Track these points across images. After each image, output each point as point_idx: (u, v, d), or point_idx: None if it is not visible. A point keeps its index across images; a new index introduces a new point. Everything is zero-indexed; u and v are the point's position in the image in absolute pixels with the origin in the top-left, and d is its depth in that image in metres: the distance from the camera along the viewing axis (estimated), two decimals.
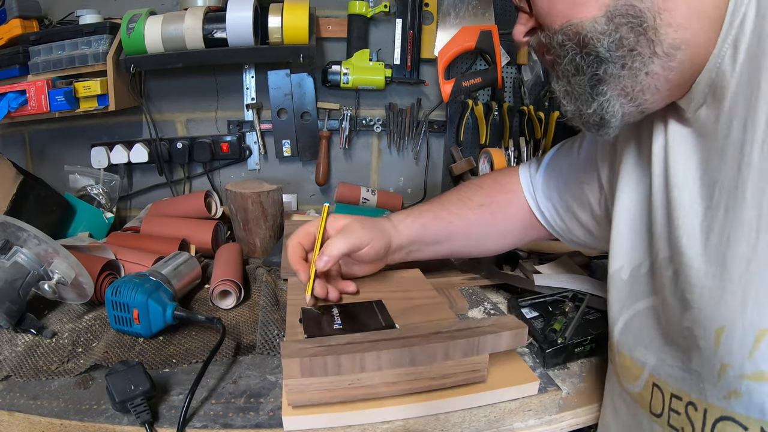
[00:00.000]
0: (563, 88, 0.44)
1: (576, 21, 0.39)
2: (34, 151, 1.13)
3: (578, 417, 0.54)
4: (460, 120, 1.12)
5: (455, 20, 1.09)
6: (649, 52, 0.38)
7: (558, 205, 0.64)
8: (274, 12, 0.96)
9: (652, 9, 0.36)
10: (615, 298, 0.48)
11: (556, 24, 0.41)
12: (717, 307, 0.35)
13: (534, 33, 0.45)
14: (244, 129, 1.13)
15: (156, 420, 0.48)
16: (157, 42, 0.94)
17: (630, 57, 0.39)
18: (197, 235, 0.90)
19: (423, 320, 0.57)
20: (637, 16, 0.37)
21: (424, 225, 0.66)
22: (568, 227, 0.64)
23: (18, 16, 0.96)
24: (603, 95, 0.41)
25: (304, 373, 0.45)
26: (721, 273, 0.35)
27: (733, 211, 0.35)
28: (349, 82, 1.06)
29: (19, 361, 0.56)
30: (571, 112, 0.44)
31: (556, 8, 0.41)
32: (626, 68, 0.39)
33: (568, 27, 0.40)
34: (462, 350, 0.48)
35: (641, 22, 0.37)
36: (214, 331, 0.63)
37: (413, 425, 0.48)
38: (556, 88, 0.45)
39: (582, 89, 0.42)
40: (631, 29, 0.38)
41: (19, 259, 0.63)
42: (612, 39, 0.38)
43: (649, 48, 0.38)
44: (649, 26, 0.37)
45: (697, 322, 0.36)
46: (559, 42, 0.41)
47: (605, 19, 0.38)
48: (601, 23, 0.38)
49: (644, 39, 0.38)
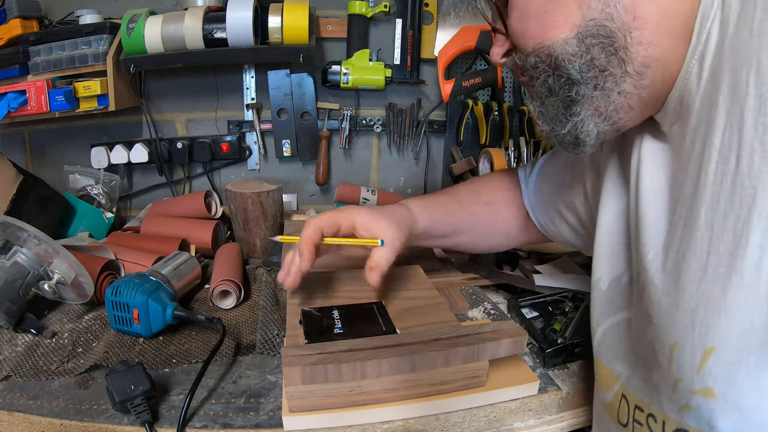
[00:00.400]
0: (537, 108, 0.44)
1: (548, 43, 0.39)
2: (34, 151, 1.13)
3: (578, 417, 0.54)
4: (460, 120, 1.12)
5: (455, 20, 1.09)
6: (620, 71, 0.38)
7: (549, 209, 0.65)
8: (274, 12, 0.96)
9: (623, 28, 0.37)
10: (596, 307, 0.48)
11: (529, 46, 0.41)
12: (671, 323, 0.35)
13: (510, 54, 0.46)
14: (244, 129, 1.13)
15: (156, 420, 0.48)
16: (157, 42, 0.94)
17: (602, 77, 0.39)
18: (197, 235, 0.90)
19: (423, 322, 0.57)
20: (608, 36, 0.37)
21: (436, 220, 0.67)
22: (559, 230, 0.65)
23: (18, 16, 0.96)
24: (576, 116, 0.41)
25: (305, 380, 0.45)
26: (675, 290, 0.35)
27: (689, 229, 0.35)
28: (349, 82, 1.06)
29: (19, 361, 0.56)
30: (546, 132, 0.45)
31: (529, 30, 0.41)
32: (598, 89, 0.39)
33: (540, 49, 0.40)
34: (462, 357, 0.48)
35: (612, 42, 0.37)
36: (214, 331, 0.63)
37: (413, 425, 0.48)
38: (531, 108, 0.46)
39: (555, 110, 0.42)
40: (602, 49, 0.38)
41: (19, 259, 0.63)
42: (583, 60, 0.38)
43: (620, 68, 0.38)
44: (620, 46, 0.37)
45: (656, 337, 0.37)
46: (532, 64, 0.42)
47: (576, 41, 0.38)
48: (572, 45, 0.38)
49: (615, 59, 0.38)
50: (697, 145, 0.35)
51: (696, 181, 0.35)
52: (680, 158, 0.38)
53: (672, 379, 0.35)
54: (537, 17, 0.40)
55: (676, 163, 0.39)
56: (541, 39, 0.40)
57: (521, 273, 0.82)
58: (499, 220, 0.70)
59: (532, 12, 0.40)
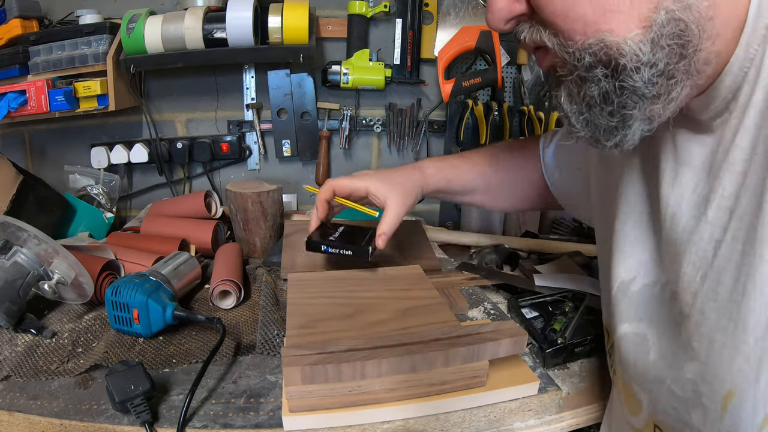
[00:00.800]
0: (579, 114, 0.35)
1: (609, 39, 0.30)
2: (34, 151, 1.13)
3: (578, 417, 0.54)
4: (460, 120, 1.12)
5: (455, 20, 1.09)
6: (685, 76, 0.31)
7: (558, 179, 0.67)
8: (274, 12, 0.96)
9: (699, 20, 0.29)
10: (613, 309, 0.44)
11: (576, 34, 0.31)
12: (727, 368, 0.30)
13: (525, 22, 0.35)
14: (244, 129, 1.13)
15: (156, 420, 0.48)
16: (157, 42, 0.94)
17: (666, 86, 0.31)
18: (197, 235, 0.90)
19: (423, 323, 0.57)
20: (683, 34, 0.29)
21: (450, 180, 0.71)
22: (566, 201, 0.67)
23: (18, 16, 0.96)
24: (629, 128, 0.34)
25: (305, 380, 0.45)
26: (733, 330, 0.29)
27: (751, 256, 0.29)
28: (349, 82, 1.06)
29: (19, 361, 0.56)
30: (585, 137, 0.36)
31: (576, 10, 0.31)
32: (660, 100, 0.32)
33: (599, 47, 0.31)
34: (462, 357, 0.48)
35: (686, 43, 0.29)
36: (214, 331, 0.63)
37: (413, 425, 0.48)
38: (567, 109, 0.36)
39: (606, 122, 0.34)
40: (673, 53, 0.30)
41: (19, 259, 0.63)
42: (655, 71, 0.30)
43: (686, 73, 0.31)
44: (694, 46, 0.30)
45: (703, 378, 0.32)
46: (585, 65, 0.32)
47: (650, 44, 0.30)
48: (647, 50, 0.30)
49: (685, 62, 0.30)
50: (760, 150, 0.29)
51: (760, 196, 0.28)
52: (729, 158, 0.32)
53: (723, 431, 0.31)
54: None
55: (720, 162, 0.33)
56: (596, 28, 0.30)
57: (521, 273, 0.82)
58: (517, 182, 0.72)
59: None
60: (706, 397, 0.32)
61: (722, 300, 0.31)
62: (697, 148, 0.36)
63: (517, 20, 0.35)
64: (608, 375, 0.57)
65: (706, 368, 0.32)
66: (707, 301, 0.32)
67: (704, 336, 0.32)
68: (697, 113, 0.35)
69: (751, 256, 0.29)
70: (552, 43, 0.33)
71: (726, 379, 0.30)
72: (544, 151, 0.69)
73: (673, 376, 0.35)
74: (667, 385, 0.36)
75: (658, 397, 0.37)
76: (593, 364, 0.60)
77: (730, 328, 0.30)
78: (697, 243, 0.34)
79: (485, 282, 0.78)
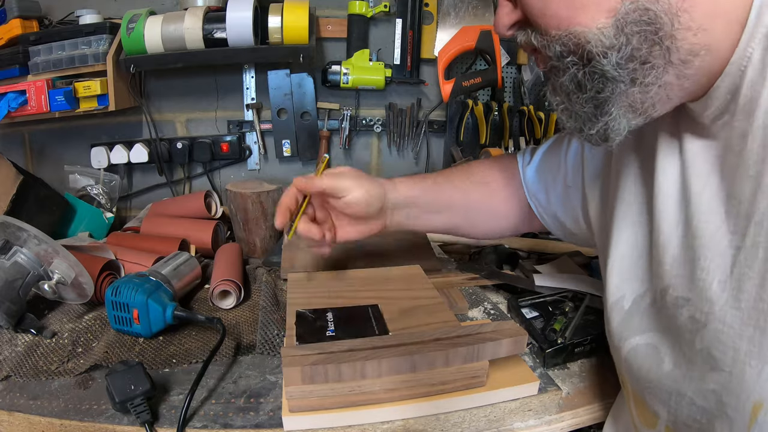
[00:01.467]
0: (562, 105, 0.38)
1: (577, 30, 0.33)
2: (34, 151, 1.13)
3: (578, 417, 0.54)
4: (460, 120, 1.12)
5: (455, 20, 1.09)
6: (663, 62, 0.32)
7: (544, 201, 0.62)
8: (274, 12, 0.96)
9: (669, 11, 0.30)
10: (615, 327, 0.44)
11: (552, 29, 0.34)
12: (756, 379, 0.29)
13: (521, 28, 0.39)
14: (244, 129, 1.13)
15: (156, 420, 0.48)
16: (157, 42, 0.94)
17: (642, 71, 0.33)
18: (197, 235, 0.90)
19: (423, 323, 0.57)
20: (651, 22, 0.31)
21: (423, 189, 0.64)
22: (553, 223, 0.63)
23: (18, 16, 0.96)
24: (608, 115, 0.35)
25: (305, 380, 0.45)
26: (760, 339, 0.29)
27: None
28: (349, 82, 1.06)
29: (19, 361, 0.56)
30: (570, 128, 0.39)
31: (550, 9, 0.34)
32: (637, 83, 0.33)
33: (568, 37, 0.34)
34: (462, 357, 0.48)
35: (657, 30, 0.31)
36: (214, 331, 0.63)
37: (413, 425, 0.48)
38: (553, 102, 0.39)
39: (584, 109, 0.36)
40: (645, 39, 0.31)
41: (19, 259, 0.63)
42: (622, 54, 0.32)
43: (663, 58, 0.32)
44: (665, 34, 0.31)
45: (728, 389, 0.31)
46: (556, 53, 0.35)
47: (614, 30, 0.32)
48: (609, 35, 0.32)
49: (659, 49, 0.32)
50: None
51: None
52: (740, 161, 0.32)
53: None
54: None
55: (733, 166, 0.32)
56: (568, 23, 0.33)
57: (521, 273, 0.82)
58: (495, 202, 0.66)
59: None
60: (731, 408, 0.31)
61: (746, 308, 0.30)
62: (701, 151, 0.36)
63: (516, 26, 0.39)
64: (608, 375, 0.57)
65: (730, 378, 0.31)
66: (728, 309, 0.31)
67: (727, 345, 0.31)
68: (700, 116, 0.35)
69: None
70: (537, 41, 0.37)
71: (754, 390, 0.29)
72: (525, 170, 0.64)
73: (694, 387, 0.34)
74: (688, 397, 0.35)
75: (678, 409, 0.36)
76: (593, 364, 0.60)
77: (757, 337, 0.29)
78: (711, 248, 0.33)
79: (485, 282, 0.78)
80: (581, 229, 0.58)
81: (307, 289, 0.65)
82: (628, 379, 0.43)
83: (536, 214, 0.64)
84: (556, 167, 0.59)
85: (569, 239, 0.64)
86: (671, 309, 0.37)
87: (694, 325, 0.34)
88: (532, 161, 0.63)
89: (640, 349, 0.40)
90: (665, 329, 0.38)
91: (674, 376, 0.36)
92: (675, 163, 0.38)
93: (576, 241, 0.63)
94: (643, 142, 0.44)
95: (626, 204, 0.44)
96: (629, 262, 0.43)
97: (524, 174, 0.64)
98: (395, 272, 0.70)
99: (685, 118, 0.37)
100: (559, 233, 0.64)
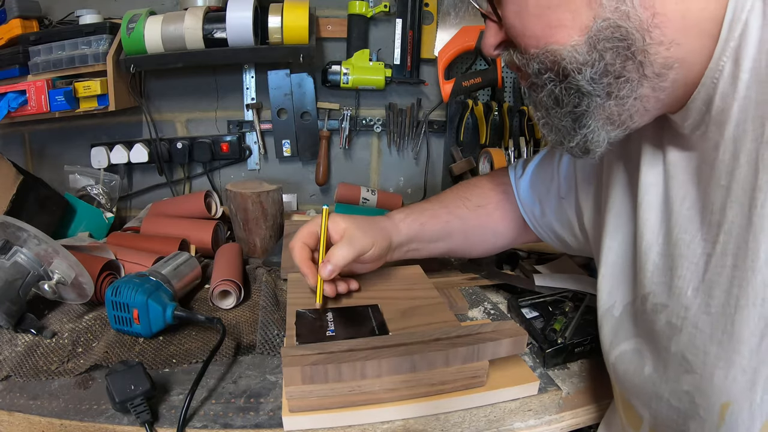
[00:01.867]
0: (542, 119, 0.40)
1: (553, 48, 0.34)
2: (34, 151, 1.13)
3: (578, 417, 0.54)
4: (460, 120, 1.12)
5: (455, 20, 1.09)
6: (637, 76, 0.33)
7: (539, 214, 0.63)
8: (274, 12, 0.96)
9: (641, 27, 0.31)
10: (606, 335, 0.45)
11: (530, 48, 0.36)
12: (723, 379, 0.30)
13: (506, 48, 0.40)
14: (244, 129, 1.13)
15: (156, 420, 0.48)
16: (157, 42, 0.94)
17: (616, 84, 0.34)
18: (197, 235, 0.90)
19: (423, 323, 0.57)
20: (623, 38, 0.32)
21: (423, 224, 0.66)
22: (549, 236, 0.64)
23: (18, 16, 0.96)
24: (587, 128, 0.37)
25: (305, 380, 0.45)
26: (728, 342, 0.30)
27: (743, 270, 0.29)
28: (349, 82, 1.06)
29: (19, 361, 0.56)
30: (552, 141, 0.41)
31: (529, 29, 0.35)
32: (612, 97, 0.35)
33: (544, 54, 0.35)
34: (462, 357, 0.48)
35: (629, 45, 0.32)
36: (214, 331, 0.63)
37: (413, 425, 0.48)
38: (535, 117, 0.41)
39: (563, 123, 0.38)
40: (617, 54, 0.33)
41: (19, 259, 0.63)
42: (595, 69, 0.33)
43: (637, 72, 0.33)
44: (637, 49, 0.32)
45: (699, 390, 0.32)
46: (534, 70, 0.36)
47: (587, 47, 0.33)
48: (582, 52, 0.33)
49: (632, 63, 0.33)
50: (742, 162, 0.30)
51: (748, 209, 0.29)
52: (713, 172, 0.33)
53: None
54: (538, 14, 0.34)
55: (708, 176, 0.34)
56: (545, 41, 0.35)
57: (521, 273, 0.82)
58: (492, 222, 0.68)
59: (531, 6, 0.35)
60: (703, 408, 0.32)
61: (715, 314, 0.31)
62: (682, 162, 0.37)
63: (502, 47, 0.41)
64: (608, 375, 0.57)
65: (701, 380, 0.32)
66: (700, 314, 0.32)
67: (699, 348, 0.32)
68: (680, 127, 0.36)
69: (742, 270, 0.30)
70: (517, 59, 0.38)
71: (722, 391, 0.31)
72: (518, 183, 0.64)
73: (670, 389, 0.35)
74: (665, 399, 0.36)
75: (658, 411, 0.37)
76: (593, 364, 0.60)
77: (725, 341, 0.30)
78: (688, 257, 0.35)
79: (485, 282, 0.78)
80: (578, 240, 0.59)
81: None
82: (617, 385, 0.44)
83: (531, 228, 0.65)
84: (549, 179, 0.60)
85: (567, 250, 0.65)
86: (650, 314, 0.38)
87: (671, 330, 0.35)
88: (525, 174, 0.64)
89: (626, 355, 0.41)
90: (646, 334, 0.39)
91: (653, 379, 0.37)
92: (658, 173, 0.39)
93: (573, 252, 0.64)
94: (629, 152, 0.45)
95: (615, 213, 0.46)
96: (619, 270, 0.44)
97: (517, 188, 0.65)
98: (395, 272, 0.70)
99: (668, 129, 0.39)
100: (557, 245, 0.64)
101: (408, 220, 0.66)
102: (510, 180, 0.67)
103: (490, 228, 0.68)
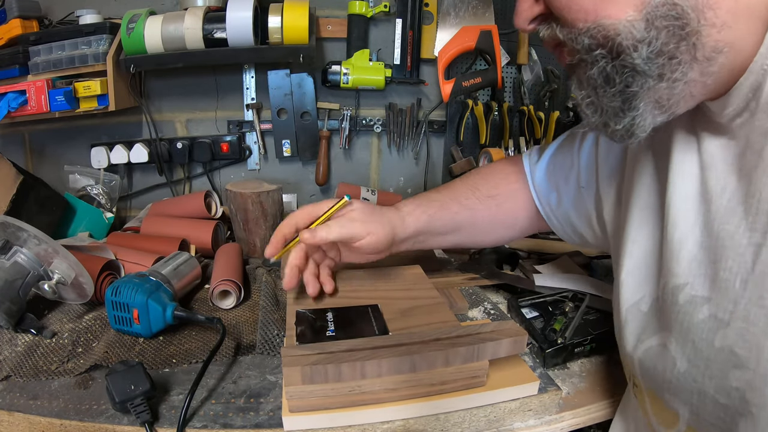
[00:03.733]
0: (588, 98, 0.37)
1: (606, 22, 0.33)
2: (34, 151, 1.13)
3: (578, 417, 0.54)
4: (460, 120, 1.12)
5: (455, 20, 1.09)
6: (689, 58, 0.32)
7: (555, 203, 0.61)
8: (274, 12, 0.96)
9: (696, 7, 0.31)
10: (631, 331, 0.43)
11: (578, 22, 0.34)
12: None
13: (544, 21, 0.38)
14: (244, 129, 1.13)
15: (156, 420, 0.48)
16: (157, 42, 0.94)
17: (669, 66, 0.33)
18: (197, 235, 0.90)
19: (423, 323, 0.57)
20: (679, 17, 0.31)
21: (431, 216, 0.64)
22: (562, 226, 0.62)
23: (18, 16, 0.96)
24: (636, 110, 0.35)
25: (305, 380, 0.45)
26: None
27: None
28: (349, 82, 1.06)
29: (19, 361, 0.56)
30: (595, 123, 0.38)
31: (577, 3, 0.34)
32: (664, 79, 0.33)
33: (597, 29, 0.33)
34: (462, 357, 0.48)
35: (683, 25, 0.31)
36: (214, 331, 0.63)
37: (413, 425, 0.48)
38: (578, 96, 0.38)
39: (612, 103, 0.36)
40: (672, 34, 0.32)
41: (19, 259, 0.63)
42: (652, 48, 0.32)
43: (689, 54, 0.32)
44: (692, 30, 0.31)
45: (751, 386, 0.31)
46: (585, 46, 0.35)
47: (644, 23, 0.32)
48: (640, 28, 0.32)
49: (685, 45, 0.32)
50: None
51: None
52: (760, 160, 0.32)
53: None
54: None
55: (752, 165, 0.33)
56: (595, 15, 0.33)
57: (521, 273, 0.82)
58: (501, 213, 0.66)
59: None
60: (755, 405, 0.31)
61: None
62: (719, 150, 0.36)
63: (538, 20, 0.39)
64: (609, 375, 0.57)
65: (754, 376, 0.31)
66: (752, 308, 0.31)
67: (751, 343, 0.31)
68: (717, 115, 0.35)
69: None
70: (562, 34, 0.36)
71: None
72: (533, 170, 0.63)
73: (716, 385, 0.34)
74: (710, 395, 0.35)
75: (700, 408, 0.36)
76: (593, 364, 0.60)
77: None
78: (733, 248, 0.33)
79: (485, 282, 0.78)
80: (594, 231, 0.57)
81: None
82: (642, 381, 0.43)
83: (544, 217, 0.63)
84: (568, 167, 0.58)
85: (577, 242, 0.63)
86: (686, 307, 0.36)
87: (714, 323, 0.34)
88: (541, 160, 0.62)
89: (655, 350, 0.40)
90: (679, 328, 0.37)
91: (693, 375, 0.36)
92: (693, 163, 0.38)
93: (584, 244, 0.63)
94: (657, 142, 0.43)
95: (642, 204, 0.44)
96: (648, 263, 0.43)
97: (532, 175, 0.63)
98: (395, 272, 0.70)
99: (700, 118, 0.37)
100: (569, 236, 0.63)
101: (416, 213, 0.64)
102: (524, 168, 0.65)
103: (499, 219, 0.67)
